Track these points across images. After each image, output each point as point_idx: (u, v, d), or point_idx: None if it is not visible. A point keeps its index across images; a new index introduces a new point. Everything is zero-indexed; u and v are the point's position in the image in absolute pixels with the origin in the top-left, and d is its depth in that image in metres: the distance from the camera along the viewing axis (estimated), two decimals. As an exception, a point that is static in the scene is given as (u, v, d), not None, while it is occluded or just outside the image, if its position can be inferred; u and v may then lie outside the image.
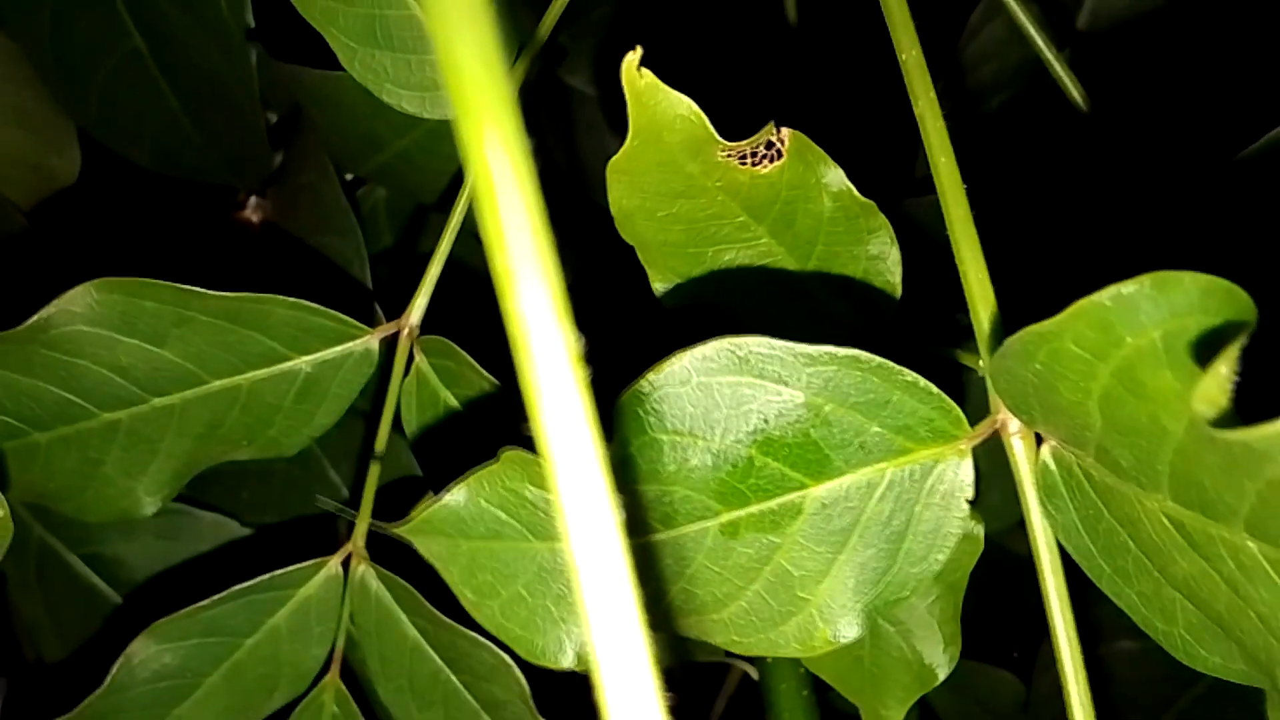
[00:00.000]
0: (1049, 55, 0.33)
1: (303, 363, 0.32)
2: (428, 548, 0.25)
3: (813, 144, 0.25)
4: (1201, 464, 0.18)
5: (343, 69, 0.31)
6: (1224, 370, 0.15)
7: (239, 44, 0.42)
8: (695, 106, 0.24)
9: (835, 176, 0.26)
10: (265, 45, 0.41)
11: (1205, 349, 0.17)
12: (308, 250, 0.40)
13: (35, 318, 0.30)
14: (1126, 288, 0.18)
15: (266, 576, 0.33)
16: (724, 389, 0.23)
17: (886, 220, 0.26)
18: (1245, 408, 0.16)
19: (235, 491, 0.45)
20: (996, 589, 0.45)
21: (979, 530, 0.31)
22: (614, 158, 0.25)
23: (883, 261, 0.27)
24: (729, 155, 0.25)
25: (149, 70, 0.44)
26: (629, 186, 0.26)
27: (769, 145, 0.25)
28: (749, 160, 0.25)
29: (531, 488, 0.24)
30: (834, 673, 0.32)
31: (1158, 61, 0.37)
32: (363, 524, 0.34)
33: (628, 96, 0.24)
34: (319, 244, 0.40)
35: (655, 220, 0.26)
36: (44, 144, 0.48)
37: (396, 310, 0.33)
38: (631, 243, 0.27)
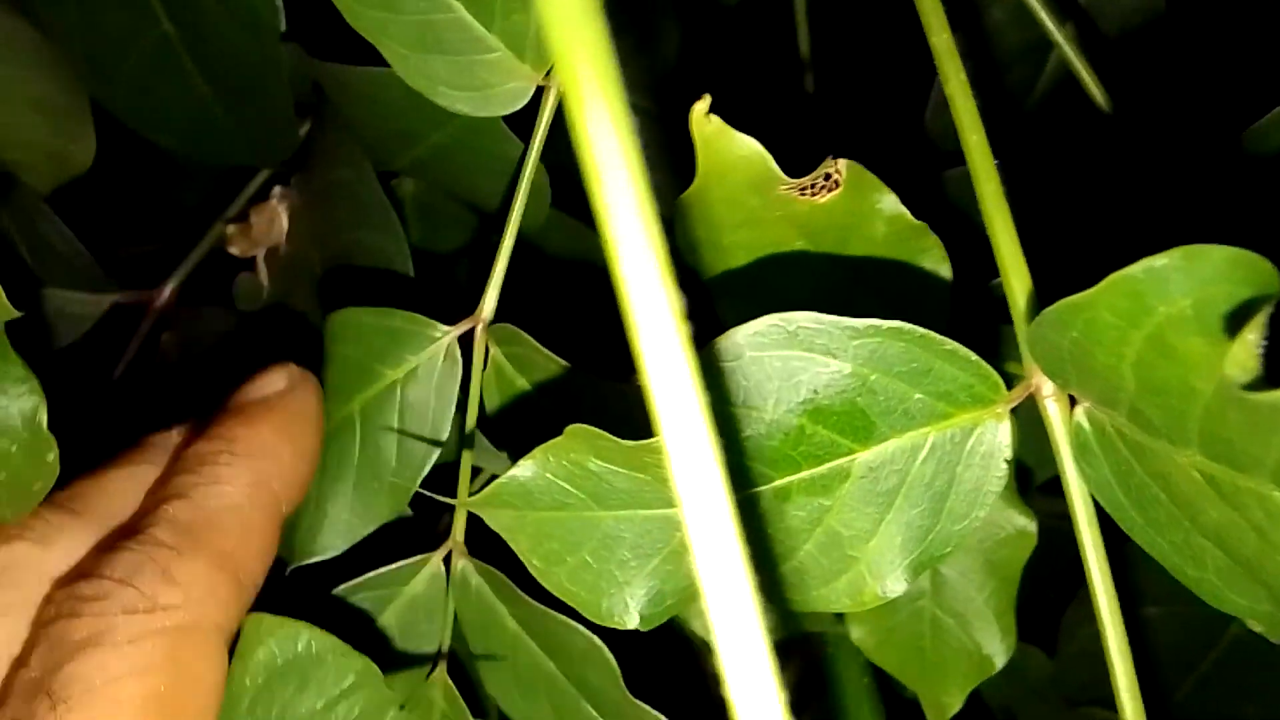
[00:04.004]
0: (1071, 56, 0.35)
1: (397, 374, 0.33)
2: (496, 520, 0.27)
3: (868, 173, 0.27)
4: (1229, 422, 0.19)
5: (376, 64, 0.32)
6: (1252, 337, 0.17)
7: (268, 26, 0.42)
8: (759, 147, 0.26)
9: (889, 202, 0.27)
10: (299, 42, 0.42)
11: (1232, 315, 0.18)
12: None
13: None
14: (1158, 261, 0.19)
15: (374, 574, 0.34)
16: (775, 362, 0.25)
17: (938, 239, 0.28)
18: (1269, 370, 0.17)
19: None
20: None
21: (1032, 526, 0.33)
22: (682, 195, 0.27)
23: (933, 278, 0.28)
24: (789, 189, 0.27)
25: (178, 56, 0.45)
26: (695, 220, 0.27)
27: (827, 176, 0.27)
28: (808, 192, 0.27)
29: (595, 460, 0.25)
30: (896, 663, 0.34)
31: (1168, 57, 0.39)
32: (460, 518, 0.34)
33: (696, 140, 0.26)
34: (354, 239, 0.41)
35: (718, 250, 0.28)
36: (61, 131, 0.49)
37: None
38: (695, 269, 0.29)
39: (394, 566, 0.33)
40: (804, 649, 0.42)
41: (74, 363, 0.49)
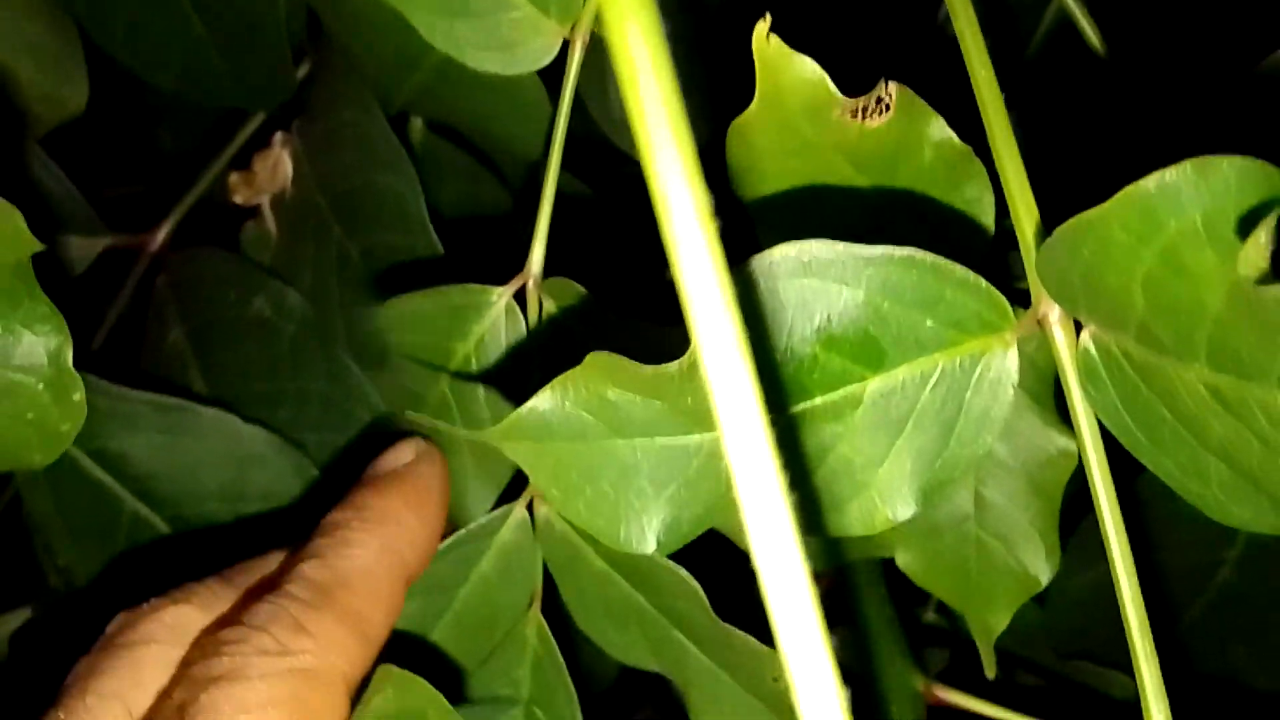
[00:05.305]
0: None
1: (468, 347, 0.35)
2: (515, 452, 0.27)
3: (917, 97, 0.28)
4: (1238, 332, 0.20)
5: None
6: (1263, 238, 0.17)
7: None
8: (819, 70, 0.26)
9: (937, 127, 0.28)
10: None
11: (1244, 227, 0.19)
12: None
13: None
14: (1169, 174, 0.20)
15: (467, 529, 0.35)
16: (790, 291, 0.25)
17: (982, 166, 0.28)
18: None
19: (273, 410, 0.46)
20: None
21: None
22: (735, 121, 0.27)
23: (977, 204, 0.29)
24: (844, 112, 0.27)
25: (176, -4, 0.45)
26: (747, 148, 0.28)
27: (878, 101, 0.27)
28: (859, 116, 0.27)
29: (614, 389, 0.26)
30: (943, 587, 0.35)
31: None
32: None
33: (757, 62, 0.26)
34: (364, 181, 0.41)
35: (765, 177, 0.29)
36: (54, 74, 0.49)
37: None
38: (743, 198, 0.30)
39: (483, 520, 0.35)
40: (823, 578, 0.43)
41: (68, 307, 0.49)
